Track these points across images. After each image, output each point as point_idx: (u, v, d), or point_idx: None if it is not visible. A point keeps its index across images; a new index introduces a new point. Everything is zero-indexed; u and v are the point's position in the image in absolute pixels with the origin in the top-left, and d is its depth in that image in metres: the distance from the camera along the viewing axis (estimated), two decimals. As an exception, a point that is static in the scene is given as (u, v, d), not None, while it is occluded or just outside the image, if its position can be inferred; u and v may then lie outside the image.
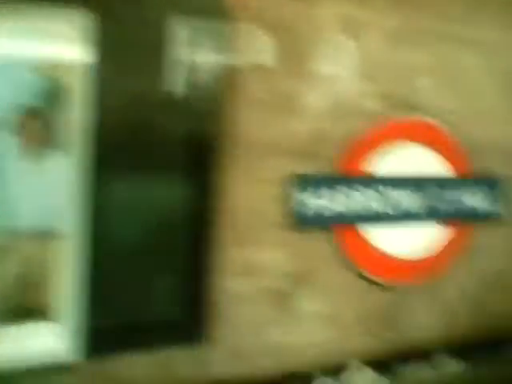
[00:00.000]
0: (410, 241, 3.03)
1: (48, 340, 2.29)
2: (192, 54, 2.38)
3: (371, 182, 2.88)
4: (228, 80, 2.49)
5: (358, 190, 2.84)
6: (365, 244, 2.92)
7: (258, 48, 2.58)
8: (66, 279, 2.28)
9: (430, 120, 3.03)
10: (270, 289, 2.74)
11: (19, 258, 2.32)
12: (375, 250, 2.94)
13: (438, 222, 3.08)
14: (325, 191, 2.77)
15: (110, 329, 2.32)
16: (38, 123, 2.35)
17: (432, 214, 3.03)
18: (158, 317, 2.43)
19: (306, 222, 2.75)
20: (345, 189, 2.81)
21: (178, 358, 2.53)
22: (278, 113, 2.67)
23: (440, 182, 3.06)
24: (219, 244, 2.56)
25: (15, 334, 2.26)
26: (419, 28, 2.97)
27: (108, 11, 2.19)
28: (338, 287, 2.89)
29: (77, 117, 2.25)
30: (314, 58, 2.74)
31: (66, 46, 2.21)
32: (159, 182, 2.37)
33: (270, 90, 2.64)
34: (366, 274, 2.92)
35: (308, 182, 2.74)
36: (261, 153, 2.64)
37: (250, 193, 2.64)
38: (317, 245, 2.81)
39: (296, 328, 2.82)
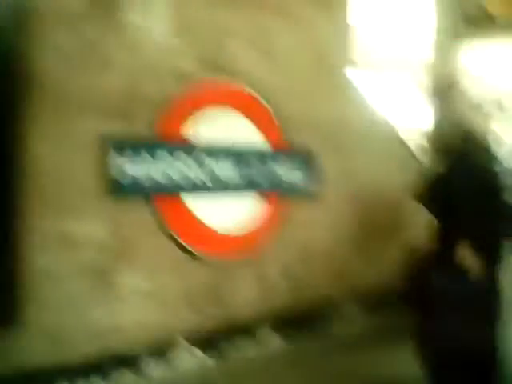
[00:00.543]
0: (231, 214, 3.05)
1: None
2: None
3: (191, 149, 2.85)
4: (29, 24, 2.29)
5: (177, 158, 2.79)
6: (186, 216, 2.86)
7: None
8: None
9: (246, 88, 3.08)
10: (87, 264, 2.54)
11: None
12: (197, 222, 2.90)
13: (256, 195, 3.14)
14: (143, 157, 2.67)
15: None
16: None
17: (250, 186, 3.09)
18: None
19: (123, 190, 2.62)
20: (164, 155, 2.74)
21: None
22: (86, 65, 2.50)
23: (258, 155, 3.13)
24: (26, 214, 2.32)
25: None
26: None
27: None
28: (160, 261, 2.78)
29: None
30: (124, 8, 2.62)
31: None
32: None
33: (76, 38, 2.47)
34: (188, 247, 2.86)
35: (125, 147, 2.61)
36: (70, 110, 2.45)
37: (59, 156, 2.43)
38: (137, 215, 2.68)
39: (118, 306, 2.64)
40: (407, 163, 3.69)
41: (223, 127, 2.96)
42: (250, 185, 3.08)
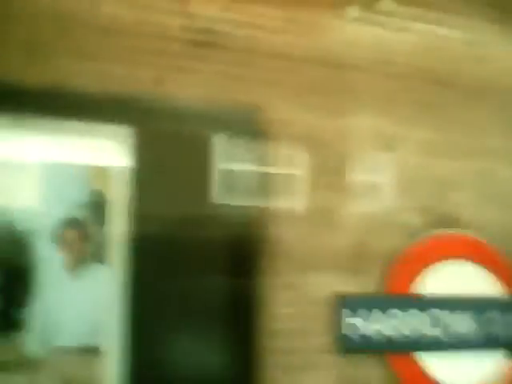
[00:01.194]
0: (469, 374, 2.78)
1: None
2: (229, 166, 2.43)
3: (423, 303, 2.72)
4: (265, 193, 2.50)
5: (409, 314, 2.69)
6: (420, 373, 2.70)
7: (290, 161, 2.60)
8: None
9: (473, 235, 2.90)
10: None
11: (60, 375, 2.24)
12: (431, 381, 2.72)
13: (497, 351, 2.83)
14: (373, 313, 2.64)
15: None
16: (78, 235, 2.38)
17: (491, 342, 2.80)
18: None
19: (354, 347, 2.60)
20: (396, 311, 2.67)
21: None
22: (317, 227, 2.63)
23: (499, 306, 2.84)
24: (261, 367, 2.41)
25: None
26: (452, 140, 2.96)
27: (147, 126, 2.29)
28: None
29: (117, 228, 2.29)
30: (349, 172, 2.73)
31: (107, 160, 2.34)
32: (200, 292, 2.32)
33: (306, 204, 2.62)
34: None
35: (355, 303, 2.62)
36: (302, 268, 2.57)
37: (292, 311, 2.53)
38: (368, 371, 2.63)
39: None
40: None
41: (455, 280, 2.79)
42: (491, 341, 2.79)
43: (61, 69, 2.21)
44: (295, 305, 2.54)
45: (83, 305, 2.29)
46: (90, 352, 2.21)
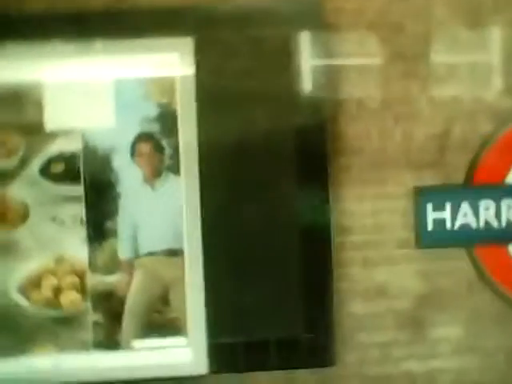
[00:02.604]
0: None
1: (174, 354, 2.42)
2: (299, 63, 2.35)
3: None
4: (337, 84, 2.40)
5: (498, 204, 2.53)
6: (509, 263, 2.60)
7: (363, 50, 2.45)
8: (190, 296, 2.39)
9: None
10: (399, 312, 2.54)
11: (147, 276, 2.45)
12: None
13: None
14: (461, 206, 2.51)
15: (233, 346, 2.38)
16: (151, 147, 2.42)
17: None
18: (282, 336, 2.42)
19: (439, 241, 2.53)
20: (483, 202, 2.52)
21: (301, 380, 2.48)
22: (394, 120, 2.48)
23: None
24: (341, 264, 2.46)
25: (145, 347, 2.42)
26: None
27: (208, 34, 2.30)
28: (480, 314, 2.58)
29: (187, 139, 2.35)
30: (429, 56, 2.47)
31: (172, 73, 2.35)
32: (270, 196, 2.38)
33: (382, 96, 2.47)
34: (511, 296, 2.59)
35: (440, 197, 2.50)
36: (379, 164, 2.48)
37: (372, 209, 2.50)
38: (451, 264, 2.55)
39: (429, 355, 2.57)
40: None
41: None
42: None
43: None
44: (372, 201, 2.47)
45: (164, 212, 2.43)
46: (174, 254, 2.39)
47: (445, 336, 2.57)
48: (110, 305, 2.39)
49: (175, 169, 2.41)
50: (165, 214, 2.42)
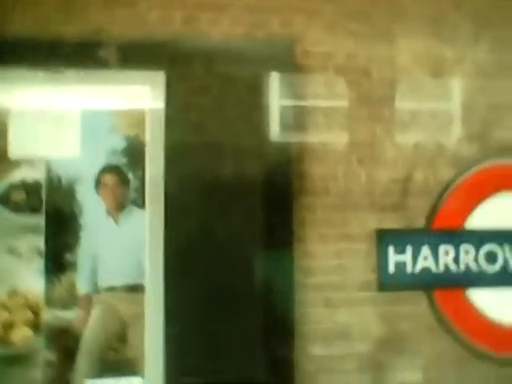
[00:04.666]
0: None
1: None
2: (266, 101, 2.39)
3: (472, 237, 2.61)
4: (304, 125, 2.45)
5: (457, 248, 2.58)
6: (468, 309, 2.63)
7: (331, 94, 2.51)
8: (149, 334, 2.34)
9: None
10: (360, 355, 2.52)
11: (105, 313, 2.44)
12: (480, 315, 2.64)
13: None
14: (421, 250, 2.55)
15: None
16: (117, 180, 2.48)
17: None
18: (242, 378, 2.34)
19: (399, 284, 2.55)
20: (442, 246, 2.57)
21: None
22: (359, 162, 2.54)
23: None
24: (303, 304, 2.43)
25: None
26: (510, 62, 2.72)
27: (180, 69, 2.33)
28: (434, 355, 2.58)
29: (153, 172, 2.35)
30: (395, 101, 2.56)
31: (141, 105, 2.39)
32: (234, 233, 2.35)
33: (348, 138, 2.51)
34: (469, 341, 2.60)
35: (400, 240, 2.54)
36: (343, 205, 2.51)
37: (333, 250, 2.51)
38: (411, 308, 2.56)
39: None
40: None
41: (506, 211, 2.64)
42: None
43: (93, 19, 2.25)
44: (335, 242, 2.49)
45: (126, 247, 2.40)
46: (134, 290, 2.32)
47: (406, 381, 2.56)
48: (65, 342, 2.31)
49: (140, 202, 2.41)
50: (127, 249, 2.40)
